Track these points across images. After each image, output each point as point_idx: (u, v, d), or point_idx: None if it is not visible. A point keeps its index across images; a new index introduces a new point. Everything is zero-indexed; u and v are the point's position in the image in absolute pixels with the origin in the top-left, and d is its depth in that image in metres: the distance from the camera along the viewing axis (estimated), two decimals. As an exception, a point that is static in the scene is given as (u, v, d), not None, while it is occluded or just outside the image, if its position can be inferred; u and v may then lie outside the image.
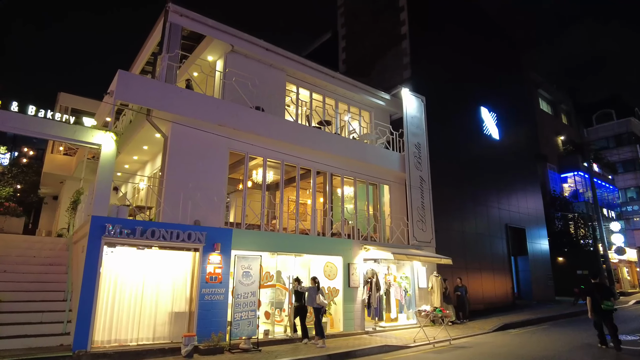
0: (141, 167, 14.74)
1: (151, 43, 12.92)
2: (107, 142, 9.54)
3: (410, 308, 14.10)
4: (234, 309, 9.58)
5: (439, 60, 19.51)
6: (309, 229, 12.99)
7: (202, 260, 9.56)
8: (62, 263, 11.24)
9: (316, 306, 10.24)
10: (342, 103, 16.02)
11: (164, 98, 10.26)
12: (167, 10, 11.57)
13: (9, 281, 9.76)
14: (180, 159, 10.56)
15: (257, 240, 10.95)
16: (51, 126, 9.21)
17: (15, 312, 8.95)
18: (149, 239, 8.84)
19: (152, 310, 9.14)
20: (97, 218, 8.51)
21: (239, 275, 9.80)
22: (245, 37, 12.76)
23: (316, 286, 10.43)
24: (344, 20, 24.71)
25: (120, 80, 9.79)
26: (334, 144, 13.79)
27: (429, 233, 15.64)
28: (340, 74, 15.96)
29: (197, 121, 10.78)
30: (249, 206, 11.71)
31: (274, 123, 12.47)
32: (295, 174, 13.28)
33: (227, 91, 12.10)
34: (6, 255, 10.73)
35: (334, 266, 12.29)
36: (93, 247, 8.36)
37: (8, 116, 8.77)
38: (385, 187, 15.81)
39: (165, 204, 9.91)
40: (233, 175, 12.96)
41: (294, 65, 14.07)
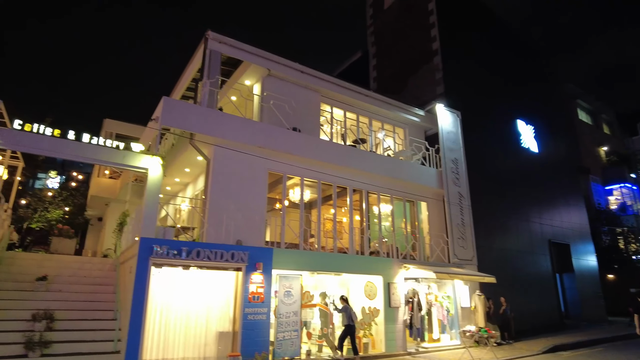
0: (182, 188, 15.22)
1: (191, 69, 13.49)
2: (153, 166, 9.97)
3: (453, 328, 13.70)
4: (277, 329, 9.64)
5: (471, 75, 19.34)
6: (346, 248, 12.96)
7: (245, 280, 9.69)
8: (110, 283, 11.64)
9: (346, 324, 10.36)
10: (376, 120, 16.08)
11: (206, 122, 10.67)
12: (206, 37, 12.10)
13: (63, 300, 10.17)
14: (222, 180, 10.87)
15: (296, 259, 11.02)
16: (103, 152, 9.72)
17: (69, 330, 9.30)
18: (194, 259, 9.07)
19: (198, 330, 9.30)
20: (146, 240, 8.82)
21: (281, 295, 9.87)
22: (281, 61, 13.13)
23: (346, 305, 10.55)
24: (373, 39, 24.98)
25: (165, 107, 10.26)
26: (369, 161, 13.82)
27: (470, 250, 15.25)
28: (372, 92, 16.09)
29: (238, 144, 11.11)
30: (288, 225, 11.83)
31: (310, 143, 12.66)
32: (331, 193, 13.36)
33: (265, 114, 12.43)
34: (60, 275, 11.21)
35: (374, 286, 12.16)
36: (142, 268, 8.65)
37: (65, 144, 9.33)
38: (423, 204, 15.61)
39: (209, 224, 10.17)
40: (270, 194, 13.17)
41: (327, 85, 14.32)
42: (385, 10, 23.99)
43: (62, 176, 28.98)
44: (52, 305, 9.64)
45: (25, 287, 10.32)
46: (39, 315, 9.03)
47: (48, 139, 9.20)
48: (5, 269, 10.93)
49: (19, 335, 8.57)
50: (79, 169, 27.85)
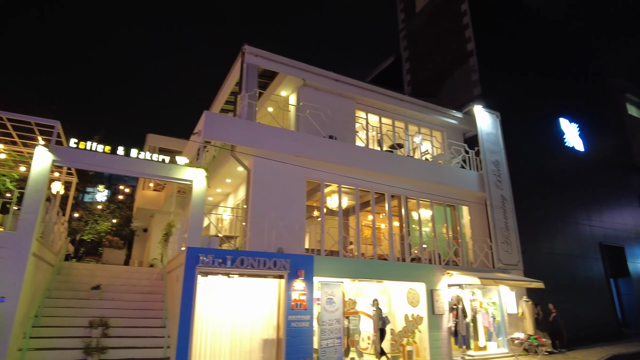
0: (224, 198, 15.63)
1: (230, 83, 13.91)
2: (198, 178, 10.34)
3: (499, 336, 13.25)
4: (320, 336, 9.67)
5: (509, 74, 18.81)
6: (387, 254, 12.87)
7: (287, 287, 9.79)
8: (158, 292, 12.08)
9: (380, 328, 10.62)
10: (412, 125, 15.93)
11: (246, 134, 10.96)
12: (243, 52, 12.46)
13: (116, 308, 10.65)
14: (262, 189, 11.10)
15: (337, 266, 11.04)
16: (150, 166, 10.20)
17: (122, 336, 9.73)
18: (238, 267, 9.27)
19: (243, 337, 9.48)
20: (192, 249, 9.12)
21: (323, 302, 9.91)
22: (316, 71, 13.31)
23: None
24: (406, 43, 24.83)
25: (207, 121, 10.63)
26: (406, 166, 13.70)
27: (515, 255, 14.74)
28: (407, 96, 15.98)
29: (276, 153, 11.32)
30: (327, 232, 11.89)
31: (347, 150, 12.71)
32: (369, 199, 13.32)
33: (301, 123, 12.61)
34: (112, 284, 11.76)
35: (417, 293, 11.98)
36: (189, 277, 8.93)
37: (115, 159, 9.88)
38: (464, 208, 15.27)
39: (251, 233, 10.40)
40: (308, 202, 13.30)
41: (362, 92, 14.36)
42: (416, 13, 23.83)
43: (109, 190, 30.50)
44: (106, 312, 10.13)
45: (82, 295, 10.91)
46: (95, 322, 9.52)
47: (100, 155, 9.76)
48: (64, 279, 11.60)
49: (79, 340, 9.07)
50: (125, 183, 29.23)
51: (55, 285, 11.07)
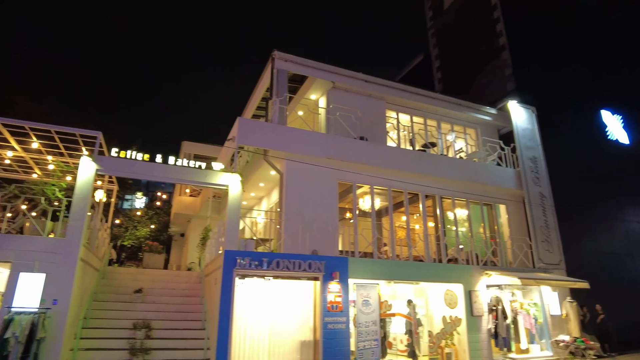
0: (257, 202, 15.87)
1: (261, 88, 14.14)
2: (233, 182, 10.57)
3: (542, 338, 12.78)
4: (357, 338, 9.64)
5: (545, 67, 18.16)
6: (422, 255, 12.69)
7: (323, 289, 9.82)
8: (197, 294, 12.38)
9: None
10: (445, 123, 15.67)
11: (278, 138, 11.13)
12: (273, 57, 12.65)
13: (157, 311, 11.00)
14: (295, 192, 11.21)
15: (371, 268, 10.98)
16: (187, 172, 10.53)
17: (164, 338, 10.04)
18: (274, 269, 9.39)
19: (280, 339, 9.58)
20: (229, 252, 9.31)
21: (359, 304, 9.88)
22: (345, 73, 13.34)
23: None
24: (435, 41, 24.47)
25: (241, 127, 10.86)
26: (440, 165, 13.48)
27: (557, 254, 14.20)
28: (438, 94, 15.74)
29: (308, 157, 11.42)
30: (361, 234, 11.86)
31: (378, 151, 12.65)
32: (402, 199, 13.19)
33: (332, 125, 12.65)
34: (153, 288, 12.16)
35: (454, 294, 11.74)
36: (227, 279, 9.12)
37: (154, 167, 10.27)
38: (501, 206, 14.85)
39: (285, 235, 10.52)
40: (340, 204, 13.30)
41: (392, 92, 14.27)
42: (445, 10, 23.45)
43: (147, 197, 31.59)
44: (149, 315, 10.47)
45: (125, 298, 11.33)
46: (138, 324, 9.87)
47: (139, 163, 10.16)
48: (108, 282, 12.09)
49: (124, 342, 9.43)
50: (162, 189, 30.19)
51: (100, 288, 11.56)
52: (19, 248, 8.64)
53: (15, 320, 7.73)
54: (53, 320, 8.28)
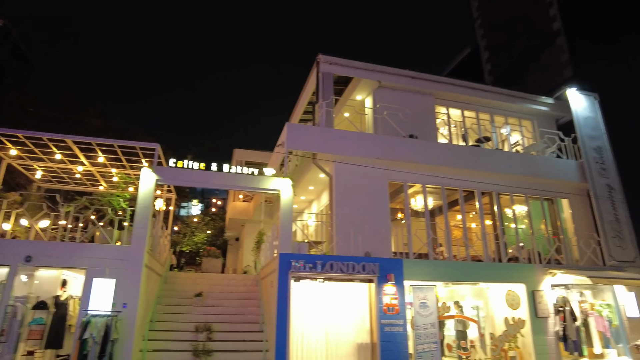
0: (307, 205, 16.03)
1: (307, 93, 14.29)
2: (285, 187, 10.76)
3: (619, 342, 11.85)
4: (415, 341, 9.46)
5: (604, 50, 16.91)
6: (480, 255, 12.22)
7: (378, 292, 9.72)
8: (254, 297, 12.68)
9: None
10: (498, 116, 15.02)
11: (326, 142, 11.19)
12: (318, 61, 12.74)
13: (217, 314, 11.37)
14: (345, 194, 11.20)
15: (427, 269, 10.72)
16: (241, 179, 10.86)
17: (224, 340, 10.36)
18: (328, 271, 9.43)
19: (337, 341, 9.59)
20: (284, 255, 9.47)
21: (416, 306, 9.69)
22: (391, 71, 13.18)
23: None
24: (483, 32, 23.61)
25: (289, 132, 11.03)
26: (496, 160, 12.93)
27: (631, 251, 13.14)
28: (489, 86, 15.14)
29: (357, 158, 11.37)
30: (415, 235, 11.63)
31: (429, 148, 12.36)
32: (456, 197, 12.78)
33: (379, 125, 12.52)
34: (212, 292, 12.59)
35: (516, 294, 11.19)
36: (283, 282, 9.27)
37: (210, 175, 10.68)
38: (564, 201, 13.99)
39: (337, 237, 10.53)
40: (392, 204, 13.12)
41: (440, 87, 13.91)
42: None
43: (203, 203, 32.91)
44: (209, 318, 10.85)
45: (186, 302, 11.83)
46: (200, 327, 10.26)
47: (196, 172, 10.61)
48: (170, 287, 12.69)
49: (187, 343, 9.84)
50: (217, 196, 31.34)
51: (163, 293, 12.14)
52: (92, 255, 9.30)
53: (92, 322, 8.30)
54: (124, 323, 8.81)
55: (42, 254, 9.14)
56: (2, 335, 8.34)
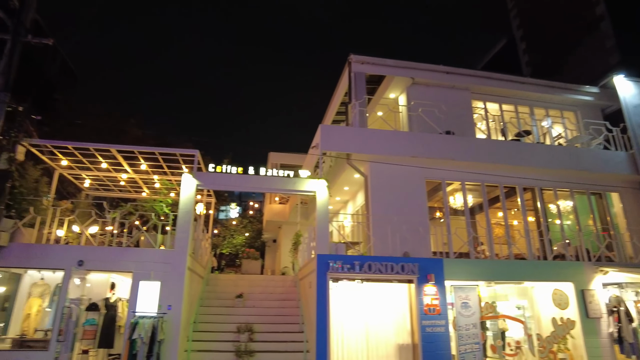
0: (343, 206, 16.02)
1: (339, 93, 14.29)
2: (320, 188, 10.82)
3: (680, 343, 11.09)
4: (458, 342, 9.25)
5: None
6: (524, 253, 11.79)
7: (418, 292, 9.59)
8: (293, 298, 12.79)
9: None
10: (538, 108, 14.45)
11: (360, 141, 11.15)
12: (349, 61, 12.71)
13: (257, 315, 11.55)
14: (381, 194, 11.12)
15: (468, 269, 10.46)
16: (277, 181, 11.03)
17: (265, 341, 10.52)
18: (366, 272, 9.38)
19: (378, 342, 9.53)
20: (322, 256, 9.51)
21: (458, 306, 9.47)
22: (424, 67, 12.98)
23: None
24: (518, 22, 22.82)
25: (323, 133, 11.08)
26: (537, 154, 12.44)
27: (690, 246, 12.27)
28: (528, 78, 14.60)
29: (392, 157, 11.26)
30: (455, 234, 11.37)
31: (467, 144, 12.07)
32: (497, 194, 12.40)
33: (414, 122, 12.35)
34: (252, 293, 12.81)
35: (564, 294, 10.71)
36: (321, 283, 9.31)
37: (248, 179, 10.91)
38: (613, 194, 13.26)
39: (374, 237, 10.46)
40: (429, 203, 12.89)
41: (476, 81, 13.57)
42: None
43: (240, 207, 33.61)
44: (250, 319, 11.04)
45: (228, 303, 12.10)
46: (242, 328, 10.46)
47: (234, 176, 10.87)
48: (212, 289, 13.02)
49: (230, 344, 10.07)
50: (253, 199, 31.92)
51: (205, 294, 12.47)
52: (138, 259, 9.69)
53: (140, 324, 8.65)
54: (169, 324, 9.13)
55: (92, 259, 9.63)
56: (60, 335, 8.84)
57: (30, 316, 10.23)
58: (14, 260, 9.41)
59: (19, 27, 9.46)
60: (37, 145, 10.71)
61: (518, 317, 10.44)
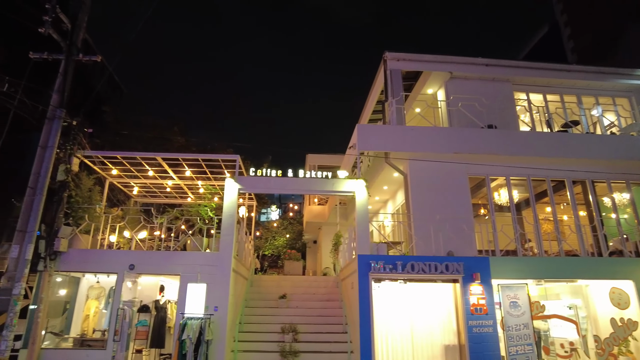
0: (382, 205, 15.87)
1: (375, 92, 14.18)
2: (359, 188, 10.79)
3: None
4: (507, 343, 8.93)
5: None
6: (576, 250, 11.21)
7: (463, 292, 9.36)
8: (336, 299, 12.81)
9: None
10: (587, 96, 13.68)
11: (398, 140, 11.00)
12: (384, 59, 12.58)
13: (301, 315, 11.67)
14: (422, 192, 10.92)
15: (516, 267, 10.06)
16: (316, 183, 11.13)
17: (309, 342, 10.60)
18: (409, 272, 9.26)
19: (423, 342, 9.39)
20: (363, 257, 9.47)
21: (506, 306, 9.16)
22: (462, 60, 12.64)
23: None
24: (562, 7, 21.71)
25: (360, 133, 11.03)
26: (587, 145, 11.78)
27: None
28: (574, 65, 13.86)
29: (432, 154, 11.03)
30: (501, 231, 10.99)
31: (510, 138, 11.62)
32: (544, 188, 11.85)
33: (454, 117, 12.05)
34: (294, 294, 12.96)
35: (624, 293, 10.08)
36: (363, 283, 9.28)
37: (287, 181, 11.09)
38: (676, 185, 12.35)
39: (417, 237, 10.29)
40: (473, 200, 12.51)
41: (518, 71, 13.04)
42: (573, -31, 20.66)
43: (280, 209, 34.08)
44: (294, 319, 11.17)
45: (272, 304, 12.30)
46: (286, 329, 10.60)
47: (274, 179, 11.07)
48: (256, 290, 13.28)
49: (275, 344, 10.23)
50: (293, 200, 32.29)
51: (250, 295, 12.75)
52: (185, 262, 10.06)
53: (188, 325, 8.97)
54: (216, 325, 9.40)
55: (142, 262, 10.09)
56: (116, 335, 9.33)
57: (89, 317, 10.89)
58: (73, 265, 10.03)
59: (72, 48, 10.08)
60: (90, 156, 11.35)
61: (570, 317, 9.93)
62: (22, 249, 8.82)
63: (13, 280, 8.62)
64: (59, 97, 9.85)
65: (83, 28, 10.41)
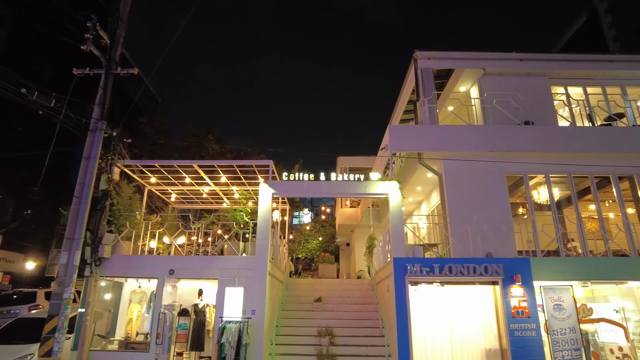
0: (416, 207, 15.64)
1: (406, 92, 14.01)
2: (392, 190, 10.68)
3: None
4: (552, 347, 8.58)
5: None
6: (624, 249, 10.64)
7: (504, 294, 9.07)
8: (371, 302, 12.72)
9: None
10: (632, 87, 12.98)
11: (431, 140, 10.82)
12: (415, 58, 12.42)
13: (337, 318, 11.66)
14: (458, 192, 10.69)
15: (559, 268, 9.66)
16: (349, 186, 11.09)
17: (346, 345, 10.56)
18: (447, 275, 9.08)
19: (463, 346, 9.16)
20: (398, 259, 9.36)
21: (550, 309, 8.81)
22: (495, 56, 12.32)
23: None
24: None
25: (392, 134, 10.92)
26: (634, 138, 11.17)
27: None
28: (618, 54, 13.19)
29: (467, 153, 10.79)
30: (542, 230, 10.59)
31: (549, 134, 11.18)
32: (587, 185, 11.33)
33: (489, 115, 11.74)
34: (330, 297, 12.95)
35: (679, 293, 9.50)
36: (399, 286, 9.17)
37: (320, 185, 11.14)
38: None
39: (453, 238, 10.08)
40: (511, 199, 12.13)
41: (555, 65, 12.57)
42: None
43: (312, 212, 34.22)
44: (330, 323, 11.18)
45: (307, 307, 12.35)
46: (322, 332, 10.62)
47: (307, 183, 11.13)
48: (291, 293, 13.38)
49: (312, 348, 10.27)
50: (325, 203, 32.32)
51: (286, 299, 12.85)
52: (222, 267, 10.26)
53: (227, 328, 9.14)
54: (253, 328, 9.53)
55: (181, 267, 10.38)
56: (158, 338, 9.63)
57: (132, 320, 11.30)
58: (116, 271, 10.45)
59: (110, 62, 10.54)
60: (129, 165, 11.80)
61: (619, 322, 9.43)
62: (71, 256, 9.27)
63: (63, 285, 9.07)
64: (100, 109, 10.30)
65: (120, 43, 10.85)
